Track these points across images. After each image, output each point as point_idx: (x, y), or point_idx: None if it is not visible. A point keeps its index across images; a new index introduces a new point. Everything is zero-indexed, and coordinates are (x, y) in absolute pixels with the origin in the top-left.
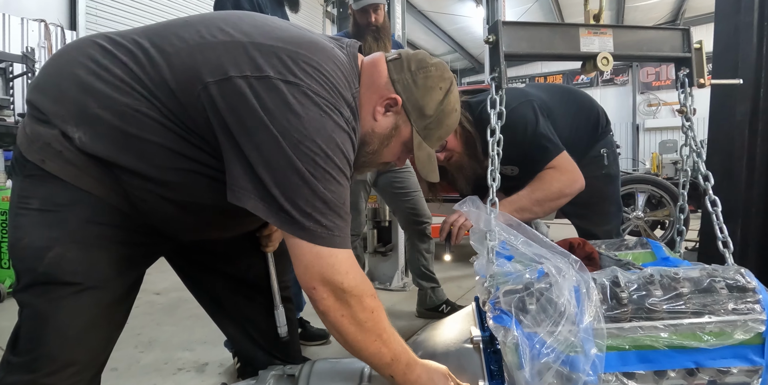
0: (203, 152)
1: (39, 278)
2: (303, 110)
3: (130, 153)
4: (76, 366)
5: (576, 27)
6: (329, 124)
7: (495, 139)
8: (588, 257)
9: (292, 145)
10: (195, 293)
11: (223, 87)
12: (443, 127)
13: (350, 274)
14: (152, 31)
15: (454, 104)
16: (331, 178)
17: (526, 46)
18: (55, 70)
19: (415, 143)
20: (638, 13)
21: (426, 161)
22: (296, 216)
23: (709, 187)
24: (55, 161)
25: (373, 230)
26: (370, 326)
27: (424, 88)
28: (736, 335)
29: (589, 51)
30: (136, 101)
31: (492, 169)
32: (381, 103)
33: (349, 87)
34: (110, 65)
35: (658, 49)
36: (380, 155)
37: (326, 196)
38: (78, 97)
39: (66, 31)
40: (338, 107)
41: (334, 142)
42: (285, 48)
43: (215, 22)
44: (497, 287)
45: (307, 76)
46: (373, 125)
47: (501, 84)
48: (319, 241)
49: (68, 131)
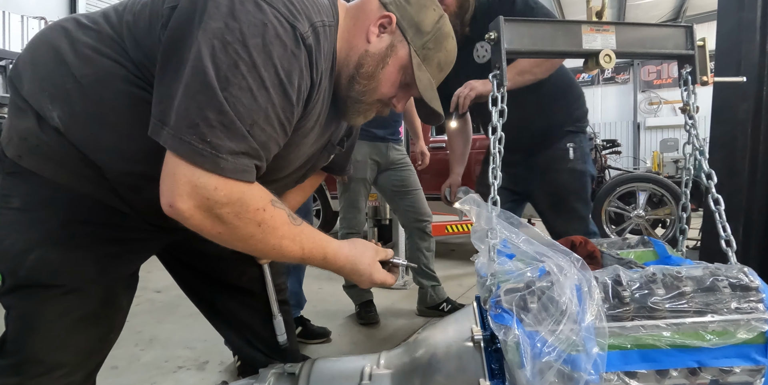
0: None
1: (22, 281)
2: (245, 16)
3: (105, 127)
4: (64, 368)
5: (578, 24)
6: (270, 34)
7: (496, 136)
8: (590, 255)
9: (219, 47)
10: (190, 295)
11: (177, 11)
12: (442, 51)
13: (222, 190)
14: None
15: (450, 30)
16: (246, 88)
17: (527, 43)
18: (31, 48)
19: (414, 64)
20: (640, 10)
21: (428, 85)
22: (180, 125)
23: (711, 185)
24: (32, 157)
25: (374, 228)
26: (259, 238)
27: (417, 5)
28: (739, 334)
29: (591, 48)
30: (106, 66)
31: (493, 167)
32: (375, 23)
33: (319, 13)
34: (82, 36)
35: (661, 46)
36: (377, 82)
37: (225, 107)
38: (52, 73)
39: None
40: (291, 22)
41: (268, 55)
42: None
43: None
44: (498, 286)
45: None
46: (367, 47)
47: (502, 81)
48: (198, 159)
49: (45, 111)
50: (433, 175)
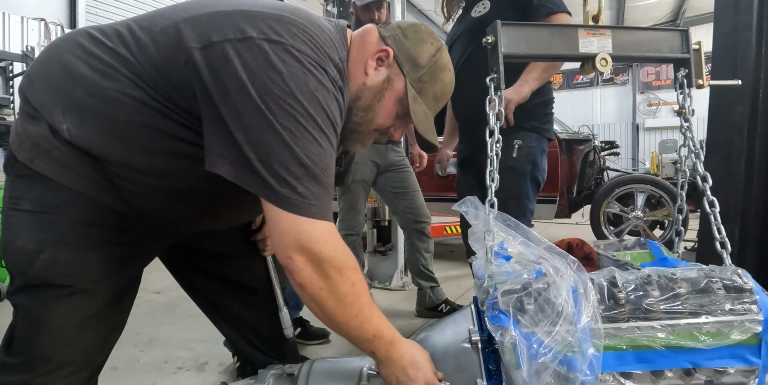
0: (190, 131)
1: (31, 281)
2: (285, 67)
3: (117, 141)
4: (71, 366)
5: (575, 28)
6: (312, 81)
7: (494, 139)
8: (586, 257)
9: (273, 102)
10: (191, 295)
11: (207, 53)
12: (438, 83)
13: (330, 243)
14: (142, 16)
15: (447, 62)
16: (312, 140)
17: (524, 47)
18: (44, 60)
19: (409, 97)
20: (638, 12)
21: (423, 118)
22: (270, 181)
23: (707, 187)
24: (44, 161)
25: (373, 229)
26: (351, 300)
27: (415, 40)
28: (732, 335)
29: (587, 52)
30: (120, 84)
31: (491, 170)
32: (372, 57)
33: (336, 50)
34: (97, 51)
35: (657, 50)
36: (374, 113)
37: (303, 159)
38: (64, 85)
39: (66, 30)
40: (323, 65)
41: (317, 100)
42: (270, 13)
43: (202, 1)
44: (495, 287)
45: (291, 35)
46: (365, 79)
47: (500, 85)
48: (294, 209)
49: (55, 123)
50: (431, 176)
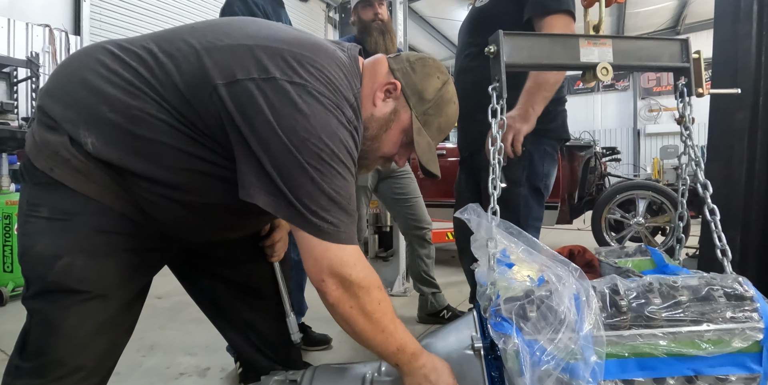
0: (213, 153)
1: (48, 286)
2: (309, 109)
3: (141, 157)
4: (83, 371)
5: (576, 37)
6: (333, 121)
7: (496, 148)
8: (588, 264)
9: (299, 142)
10: (196, 298)
11: (232, 89)
12: (443, 116)
13: (358, 266)
14: (160, 36)
15: (452, 96)
16: (337, 174)
17: (526, 56)
18: (65, 76)
19: (414, 129)
20: (639, 19)
21: (426, 149)
22: (304, 212)
23: (707, 195)
24: (63, 169)
25: (375, 235)
26: (378, 316)
27: (422, 74)
28: (734, 343)
29: (588, 61)
30: (146, 104)
31: (493, 178)
32: (381, 89)
33: (350, 87)
34: (120, 69)
35: (657, 59)
36: (380, 142)
37: (331, 193)
38: (89, 101)
39: (70, 36)
40: (341, 107)
41: (338, 138)
42: (290, 50)
43: (221, 27)
44: (498, 294)
45: (311, 77)
46: (373, 110)
47: (502, 93)
48: (326, 237)
49: (79, 136)
50: (432, 182)
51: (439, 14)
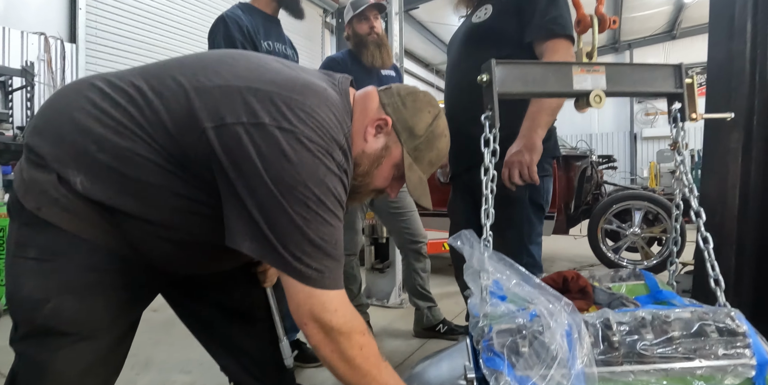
0: (202, 192)
1: (37, 329)
2: (296, 156)
3: (131, 196)
4: None
5: (569, 65)
6: (321, 169)
7: (488, 177)
8: (582, 290)
9: (286, 190)
10: (188, 323)
11: (221, 133)
12: (434, 150)
13: (339, 311)
14: (149, 72)
15: (443, 129)
16: (323, 221)
17: (519, 85)
18: (53, 114)
19: (405, 164)
20: (635, 23)
21: (417, 184)
22: (288, 258)
23: (700, 224)
24: (51, 209)
25: (371, 246)
26: (359, 362)
27: (413, 109)
28: (726, 380)
29: (582, 89)
30: (135, 144)
31: (485, 208)
32: (372, 125)
33: (341, 127)
34: (109, 108)
35: (651, 85)
36: (372, 178)
37: (316, 240)
38: (77, 140)
39: (66, 44)
40: (330, 152)
41: (326, 186)
42: (279, 93)
43: (211, 65)
44: (491, 327)
45: (300, 122)
46: (364, 146)
47: (494, 123)
48: (310, 282)
49: (68, 175)
50: None
51: (436, 19)
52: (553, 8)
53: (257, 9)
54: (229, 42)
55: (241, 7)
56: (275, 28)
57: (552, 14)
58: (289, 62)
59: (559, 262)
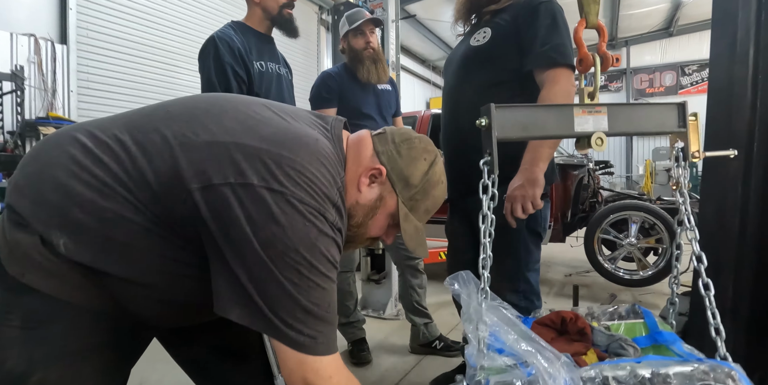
0: (189, 253)
1: None
2: (287, 220)
3: (115, 258)
4: None
5: (570, 107)
6: (313, 232)
7: (487, 224)
8: (580, 332)
9: (276, 256)
10: (181, 362)
11: (207, 194)
12: (430, 198)
13: (333, 379)
14: (134, 123)
15: (440, 176)
16: (316, 286)
17: (519, 130)
18: (34, 171)
19: (401, 215)
20: (632, 20)
21: (413, 234)
22: (279, 325)
23: (702, 269)
24: (35, 274)
25: (367, 257)
26: None
27: (408, 158)
28: None
29: (583, 131)
30: (118, 205)
31: (483, 257)
32: (365, 175)
33: (333, 181)
34: (91, 166)
35: (653, 125)
36: (366, 229)
37: (308, 306)
38: (60, 201)
39: (56, 46)
40: (323, 212)
41: (318, 250)
42: (268, 150)
43: (198, 117)
44: (488, 380)
45: (291, 181)
46: (358, 197)
47: (493, 168)
48: (302, 349)
49: (51, 237)
50: None
51: (433, 16)
52: (554, 36)
53: (250, 28)
54: (219, 65)
55: (233, 26)
56: (268, 47)
57: (553, 42)
58: (280, 108)
59: (555, 267)
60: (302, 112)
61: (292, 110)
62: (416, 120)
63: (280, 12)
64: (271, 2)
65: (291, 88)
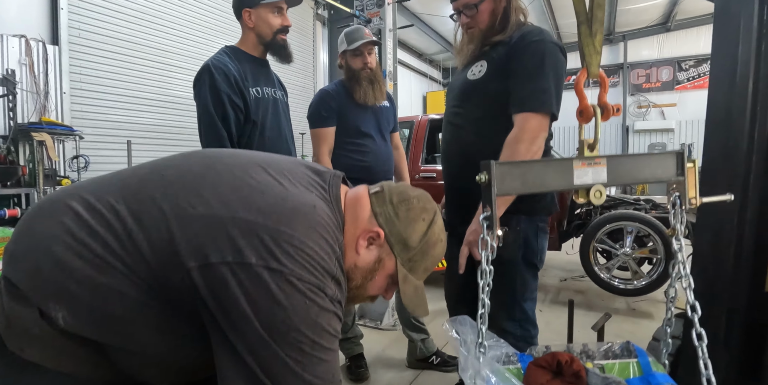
0: (188, 325)
1: None
2: (287, 301)
3: (114, 331)
4: None
5: (569, 160)
6: (314, 310)
7: (485, 281)
8: (575, 374)
9: (278, 336)
10: None
11: (205, 273)
12: (429, 258)
13: None
14: (129, 190)
15: (438, 234)
16: (319, 361)
17: (519, 185)
18: (30, 242)
19: (399, 276)
20: (630, 15)
21: (412, 295)
22: None
23: (695, 318)
24: (34, 348)
25: None
26: None
27: (406, 220)
28: None
29: (582, 183)
30: (115, 280)
31: (481, 313)
32: (363, 237)
33: (332, 252)
34: (86, 238)
35: (652, 174)
36: (365, 289)
37: (314, 381)
38: (56, 275)
39: (48, 46)
40: (323, 288)
41: (320, 327)
42: (265, 225)
43: (193, 183)
44: None
45: (289, 259)
46: (356, 259)
47: (493, 225)
48: None
49: (49, 310)
50: None
51: (430, 11)
52: (536, 79)
53: (244, 53)
54: (215, 94)
55: (227, 51)
56: (264, 71)
57: (531, 88)
58: (276, 168)
59: (550, 270)
60: (299, 170)
61: (289, 169)
62: (413, 125)
63: (274, 38)
64: (264, 28)
65: (287, 111)
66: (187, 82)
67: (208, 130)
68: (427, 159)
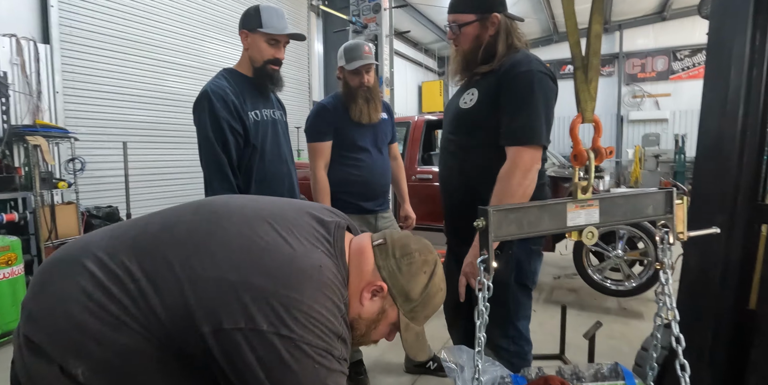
0: (201, 380)
1: None
2: (297, 365)
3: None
4: None
5: (563, 203)
6: (323, 372)
7: (482, 321)
8: None
9: None
10: None
11: (219, 338)
12: (430, 307)
13: None
14: (141, 249)
15: (439, 285)
16: None
17: (514, 228)
18: (47, 301)
19: (402, 325)
20: (626, 4)
21: (414, 341)
22: None
23: (679, 350)
24: None
25: None
26: None
27: (408, 275)
28: None
29: (575, 225)
30: (132, 339)
31: (478, 350)
32: (368, 290)
33: (338, 311)
34: (102, 299)
35: (642, 212)
36: (369, 337)
37: None
38: (75, 335)
39: (39, 45)
40: (330, 351)
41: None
42: (275, 291)
43: (203, 242)
44: None
45: (298, 325)
46: (360, 310)
47: (489, 268)
48: None
49: (69, 366)
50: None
51: (426, 1)
52: (527, 111)
53: (241, 74)
54: (214, 120)
55: (225, 75)
56: (261, 92)
57: (524, 119)
58: (282, 223)
59: (544, 267)
60: (304, 222)
61: (294, 223)
62: (409, 126)
63: (264, 66)
64: (256, 54)
65: (286, 131)
66: (182, 77)
67: (208, 156)
68: (424, 159)
